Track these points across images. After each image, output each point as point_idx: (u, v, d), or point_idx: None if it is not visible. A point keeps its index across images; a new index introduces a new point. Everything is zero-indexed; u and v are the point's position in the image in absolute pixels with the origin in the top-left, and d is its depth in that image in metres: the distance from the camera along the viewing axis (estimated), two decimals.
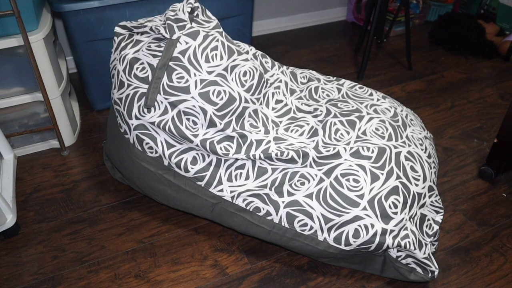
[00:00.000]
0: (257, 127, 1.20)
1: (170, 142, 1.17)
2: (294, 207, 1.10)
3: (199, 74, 1.13)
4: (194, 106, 1.13)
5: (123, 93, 1.19)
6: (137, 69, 1.17)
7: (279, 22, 2.56)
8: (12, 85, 1.45)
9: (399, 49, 2.39)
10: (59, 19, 1.91)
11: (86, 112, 1.80)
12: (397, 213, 1.08)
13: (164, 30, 1.14)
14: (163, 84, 1.13)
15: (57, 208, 1.36)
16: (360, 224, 1.06)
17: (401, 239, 1.06)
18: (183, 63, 1.13)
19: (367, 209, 1.06)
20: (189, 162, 1.16)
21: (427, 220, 1.16)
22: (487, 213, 1.33)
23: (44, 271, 1.17)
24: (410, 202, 1.11)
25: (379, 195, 1.08)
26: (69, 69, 2.03)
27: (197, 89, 1.12)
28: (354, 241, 1.06)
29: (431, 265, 1.09)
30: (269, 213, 1.12)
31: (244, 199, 1.14)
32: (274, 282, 1.14)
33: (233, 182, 1.14)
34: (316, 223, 1.08)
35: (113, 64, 1.25)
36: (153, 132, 1.17)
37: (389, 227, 1.06)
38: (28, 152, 1.58)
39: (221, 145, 1.15)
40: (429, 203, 1.17)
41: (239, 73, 1.19)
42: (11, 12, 1.24)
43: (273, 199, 1.11)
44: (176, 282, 1.14)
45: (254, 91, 1.21)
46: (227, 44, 1.19)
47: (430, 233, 1.15)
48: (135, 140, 1.19)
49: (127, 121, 1.19)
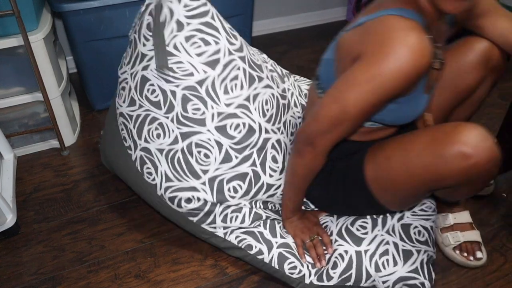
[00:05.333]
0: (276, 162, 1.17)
1: (169, 176, 1.12)
2: (286, 248, 1.11)
3: (216, 106, 1.09)
4: (209, 139, 1.09)
5: (134, 112, 1.14)
6: (148, 91, 1.11)
7: (279, 22, 2.55)
8: (12, 85, 1.45)
9: None
10: (59, 19, 1.91)
11: (86, 112, 1.80)
12: (367, 232, 1.10)
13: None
14: (177, 113, 1.08)
15: (57, 208, 1.36)
16: (336, 255, 1.09)
17: (379, 257, 1.07)
18: (200, 94, 1.08)
19: (337, 240, 1.10)
20: (183, 201, 1.12)
21: (414, 227, 1.13)
22: (487, 213, 1.33)
23: (44, 271, 1.17)
24: (380, 219, 1.12)
25: (344, 225, 1.12)
26: (69, 69, 2.03)
27: (214, 122, 1.09)
28: (333, 272, 1.08)
29: (418, 276, 1.06)
30: (261, 251, 1.11)
31: (237, 236, 1.13)
32: (274, 282, 1.14)
33: (227, 224, 1.13)
34: (304, 267, 1.10)
35: (123, 76, 1.17)
36: (156, 160, 1.12)
37: (363, 247, 1.08)
38: (28, 152, 1.58)
39: (231, 185, 1.12)
40: (409, 214, 1.14)
41: (262, 102, 1.14)
42: (11, 12, 1.24)
43: (267, 238, 1.12)
44: (176, 282, 1.14)
45: (274, 120, 1.18)
46: (248, 72, 1.13)
47: (421, 239, 1.11)
48: (137, 159, 1.15)
49: (135, 140, 1.14)
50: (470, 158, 0.84)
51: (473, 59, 1.06)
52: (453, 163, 0.85)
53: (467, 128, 0.86)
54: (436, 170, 0.88)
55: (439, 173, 0.88)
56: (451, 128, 0.88)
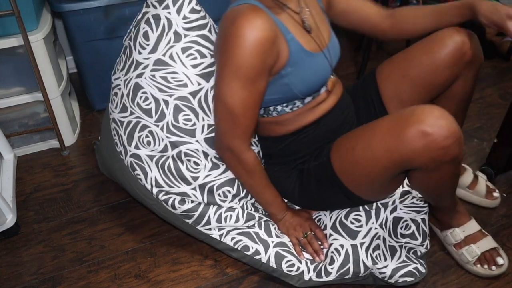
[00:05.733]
0: None
1: (159, 182, 1.13)
2: (283, 247, 1.11)
3: (207, 118, 1.10)
4: (197, 149, 1.10)
5: (125, 118, 1.15)
6: (140, 98, 1.11)
7: None
8: (12, 85, 1.45)
9: (399, 49, 2.37)
10: (59, 19, 1.91)
11: (86, 112, 1.80)
12: (362, 225, 1.10)
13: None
14: (168, 122, 1.09)
15: (57, 208, 1.36)
16: (332, 250, 1.09)
17: (373, 250, 1.07)
18: (192, 105, 1.08)
19: (332, 234, 1.11)
20: (176, 202, 1.13)
21: (403, 221, 1.13)
22: (487, 213, 1.33)
23: (44, 271, 1.17)
24: (374, 211, 1.12)
25: (338, 218, 1.12)
26: (69, 69, 2.03)
27: (203, 134, 1.10)
28: (331, 268, 1.08)
29: (409, 263, 1.08)
30: (258, 252, 1.11)
31: (233, 237, 1.13)
32: (274, 282, 1.14)
33: (222, 224, 1.13)
34: (302, 264, 1.10)
35: (116, 82, 1.19)
36: (146, 167, 1.14)
37: (358, 241, 1.09)
38: (28, 152, 1.58)
39: (220, 191, 1.13)
40: (401, 206, 1.14)
41: None
42: (11, 12, 1.24)
43: (263, 238, 1.12)
44: (176, 282, 1.14)
45: None
46: None
47: (405, 233, 1.11)
48: (128, 165, 1.17)
49: (125, 146, 1.16)
50: (429, 135, 0.86)
51: (446, 56, 1.07)
52: (414, 142, 0.87)
53: (424, 108, 0.89)
54: (399, 151, 0.90)
55: (402, 153, 0.90)
56: (409, 111, 0.91)
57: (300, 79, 1.01)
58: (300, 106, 1.07)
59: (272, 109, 1.08)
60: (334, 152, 1.05)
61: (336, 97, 1.12)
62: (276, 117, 1.09)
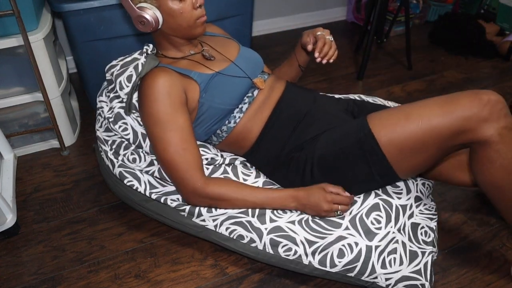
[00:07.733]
0: (249, 169, 1.22)
1: (153, 184, 1.20)
2: (277, 233, 1.10)
3: None
4: None
5: (110, 137, 1.26)
6: (120, 128, 1.22)
7: (279, 22, 2.56)
8: (12, 85, 1.45)
9: (399, 49, 2.39)
10: (59, 19, 1.91)
11: (86, 112, 1.80)
12: (381, 228, 1.08)
13: None
14: (146, 149, 1.20)
15: (57, 208, 1.36)
16: (344, 244, 1.07)
17: (387, 254, 1.06)
18: None
19: (349, 228, 1.08)
20: (169, 199, 1.17)
21: (421, 228, 1.14)
22: (487, 213, 1.33)
23: (44, 271, 1.17)
24: (394, 215, 1.11)
25: (359, 214, 1.10)
26: (69, 69, 2.03)
27: None
28: (339, 261, 1.07)
29: (420, 277, 1.06)
30: (253, 240, 1.12)
31: (227, 227, 1.13)
32: (274, 282, 1.14)
33: (213, 213, 1.13)
34: (300, 247, 1.09)
35: (100, 104, 1.29)
36: (137, 172, 1.21)
37: (374, 243, 1.06)
38: (28, 152, 1.58)
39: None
40: (417, 212, 1.16)
41: None
42: (11, 12, 1.24)
43: (256, 226, 1.11)
44: (176, 282, 1.14)
45: None
46: None
47: (428, 240, 1.12)
48: (117, 175, 1.23)
49: (112, 160, 1.24)
50: (483, 99, 0.95)
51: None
52: (471, 104, 0.95)
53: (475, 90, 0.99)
54: (457, 115, 0.95)
55: (460, 117, 0.95)
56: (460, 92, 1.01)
57: (219, 94, 1.11)
58: (241, 115, 1.15)
59: (220, 132, 1.17)
60: (377, 126, 1.04)
61: (279, 89, 1.21)
62: (230, 135, 1.17)
